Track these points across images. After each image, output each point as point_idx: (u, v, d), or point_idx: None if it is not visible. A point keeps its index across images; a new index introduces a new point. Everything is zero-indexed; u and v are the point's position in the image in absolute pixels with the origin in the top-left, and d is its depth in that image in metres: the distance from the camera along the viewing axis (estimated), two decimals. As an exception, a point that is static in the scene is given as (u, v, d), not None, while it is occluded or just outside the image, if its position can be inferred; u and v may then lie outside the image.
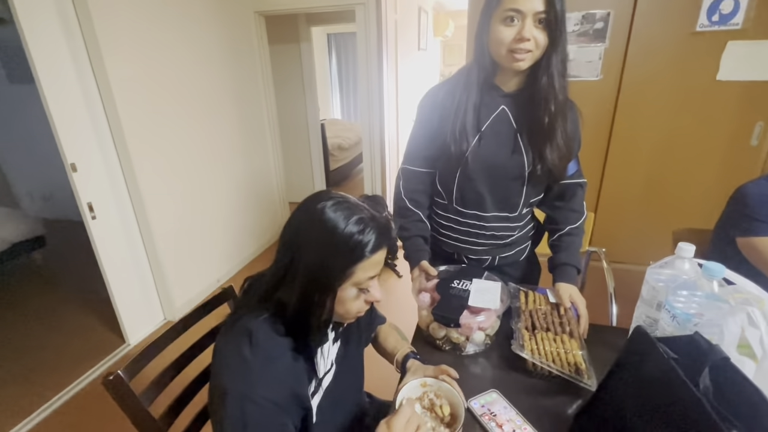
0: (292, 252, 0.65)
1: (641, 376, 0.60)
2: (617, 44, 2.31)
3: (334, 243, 0.61)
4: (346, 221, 0.62)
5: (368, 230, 0.63)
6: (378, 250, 0.65)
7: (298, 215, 0.67)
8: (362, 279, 0.65)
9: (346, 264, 0.62)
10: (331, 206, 0.63)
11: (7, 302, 2.65)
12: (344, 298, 0.66)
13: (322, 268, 0.62)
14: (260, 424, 0.58)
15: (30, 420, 1.69)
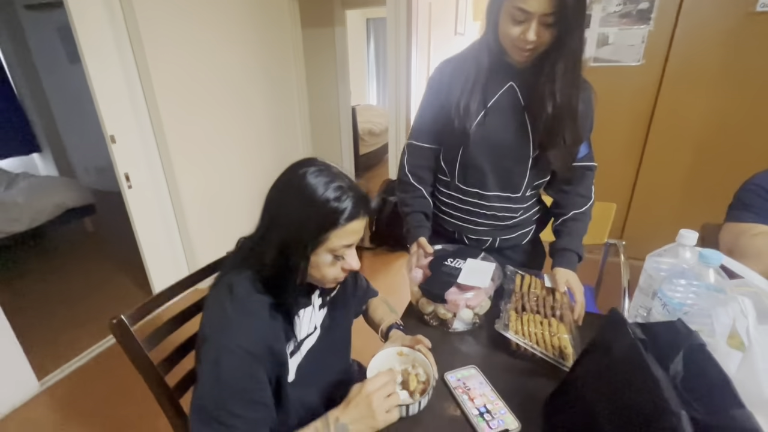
0: (271, 213, 0.68)
1: (609, 357, 0.58)
2: (663, 26, 2.15)
3: (311, 207, 0.63)
4: (325, 187, 0.64)
5: (345, 198, 0.64)
6: (354, 219, 0.66)
7: (282, 178, 0.69)
8: (337, 246, 0.67)
9: (321, 229, 0.64)
10: (312, 172, 0.66)
11: (59, 260, 2.95)
12: (319, 264, 0.68)
13: (297, 231, 0.64)
14: (233, 370, 0.62)
15: (70, 365, 1.88)
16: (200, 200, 2.36)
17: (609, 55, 2.29)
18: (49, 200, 2.87)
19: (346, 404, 0.65)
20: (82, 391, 1.76)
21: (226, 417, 0.61)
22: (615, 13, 2.21)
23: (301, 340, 0.78)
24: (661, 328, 0.61)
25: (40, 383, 1.75)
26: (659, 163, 2.38)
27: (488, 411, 0.72)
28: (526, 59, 0.88)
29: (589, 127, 1.01)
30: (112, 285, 2.58)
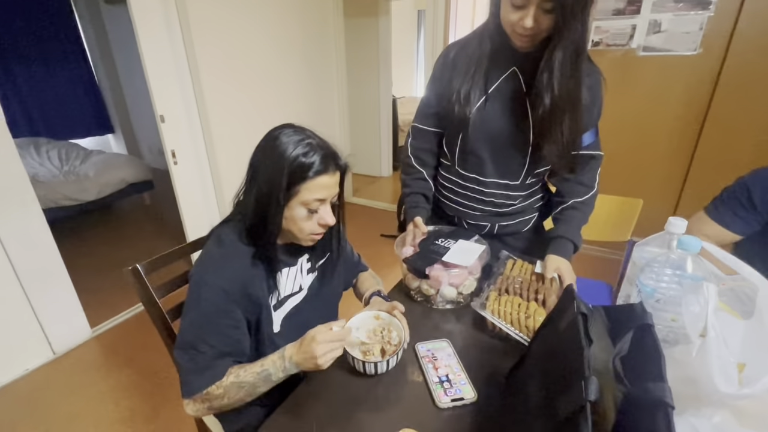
0: (251, 170, 0.75)
1: (556, 330, 0.58)
2: (726, 12, 1.96)
3: (282, 162, 0.69)
4: (295, 145, 0.70)
5: (313, 154, 0.70)
6: (323, 174, 0.71)
7: (262, 140, 0.76)
8: (309, 199, 0.72)
9: (292, 182, 0.70)
10: (285, 132, 0.72)
11: (118, 228, 3.33)
12: (294, 217, 0.74)
13: (269, 184, 0.71)
14: (209, 304, 0.71)
15: (118, 318, 2.14)
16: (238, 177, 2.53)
17: (661, 44, 2.13)
18: (115, 175, 3.21)
19: (299, 344, 0.70)
20: (126, 340, 1.99)
21: (199, 344, 0.70)
22: (670, -3, 2.04)
23: (285, 296, 0.84)
24: (624, 309, 0.61)
25: (92, 330, 2.00)
26: (713, 164, 2.18)
27: (449, 380, 0.74)
28: (526, 45, 0.86)
29: (596, 114, 0.97)
30: (160, 252, 2.84)
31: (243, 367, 0.72)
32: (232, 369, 0.72)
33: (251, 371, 0.71)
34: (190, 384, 0.70)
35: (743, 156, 2.09)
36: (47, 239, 1.75)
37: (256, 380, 0.70)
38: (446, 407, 0.69)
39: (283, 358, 0.70)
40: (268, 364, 0.70)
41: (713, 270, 0.70)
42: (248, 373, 0.71)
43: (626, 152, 2.34)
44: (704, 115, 2.14)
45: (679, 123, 2.21)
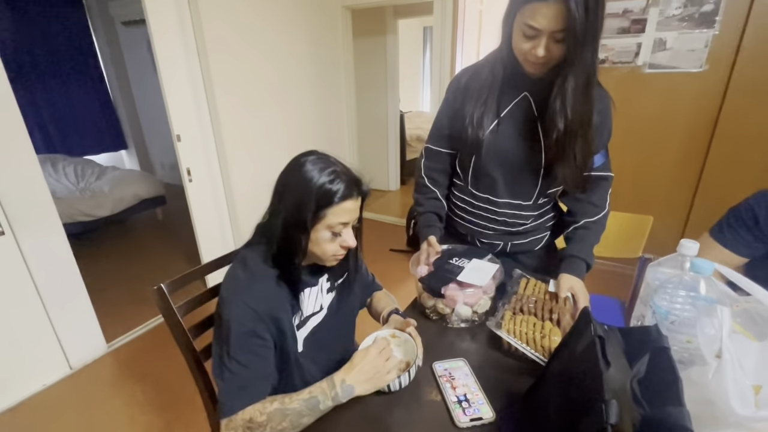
0: (278, 196, 0.78)
1: (573, 352, 0.60)
2: (730, 30, 2.00)
3: (309, 189, 0.73)
4: (321, 172, 0.74)
5: (338, 181, 0.74)
6: (348, 199, 0.75)
7: (287, 167, 0.80)
8: (334, 223, 0.75)
9: (319, 207, 0.74)
10: (311, 160, 0.76)
11: (132, 243, 3.38)
12: (319, 240, 0.77)
13: (298, 209, 0.74)
14: (240, 324, 0.74)
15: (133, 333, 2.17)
16: (250, 195, 2.59)
17: (666, 61, 2.16)
18: (129, 190, 3.29)
19: (350, 368, 0.74)
20: (141, 355, 2.01)
21: (232, 365, 0.72)
22: (674, 16, 2.08)
23: (307, 316, 0.87)
24: (639, 331, 0.62)
25: (108, 345, 2.03)
26: (721, 181, 2.19)
27: (467, 400, 0.76)
28: (538, 72, 0.89)
29: (606, 137, 1.00)
30: (174, 267, 2.90)
31: (288, 395, 0.73)
32: (276, 396, 0.73)
33: (297, 398, 0.72)
34: (226, 404, 0.71)
35: (753, 173, 2.10)
36: (67, 255, 1.79)
37: (302, 408, 0.71)
38: (465, 427, 0.71)
39: (333, 385, 0.72)
40: (316, 392, 0.72)
41: (726, 291, 0.71)
42: (294, 400, 0.71)
43: (635, 169, 2.36)
44: (712, 132, 2.16)
45: (687, 139, 2.22)
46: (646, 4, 2.11)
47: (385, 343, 0.77)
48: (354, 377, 0.73)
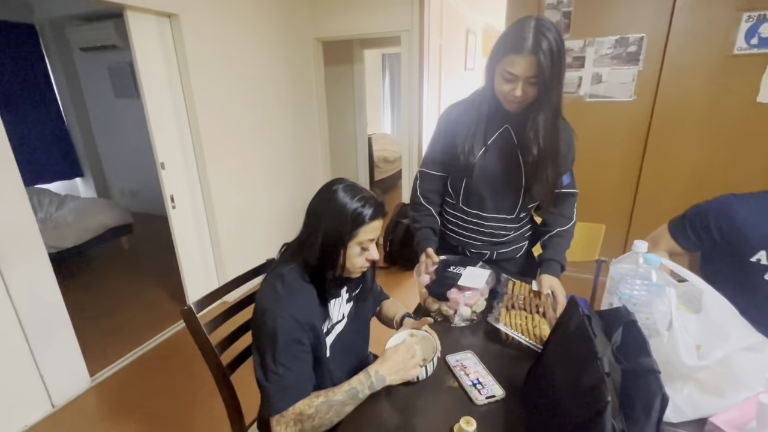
0: (314, 220, 0.90)
1: (566, 332, 0.77)
2: (651, 67, 2.38)
3: (345, 213, 0.86)
4: (353, 199, 0.87)
5: (367, 205, 0.88)
6: (375, 219, 0.89)
7: (319, 195, 0.92)
8: (364, 240, 0.89)
9: (353, 227, 0.87)
10: (342, 188, 0.89)
11: (99, 275, 3.24)
12: (351, 255, 0.90)
13: (335, 230, 0.87)
14: (284, 332, 0.83)
15: (115, 365, 2.10)
16: (232, 219, 2.63)
17: (603, 92, 2.53)
18: (95, 220, 3.17)
19: (382, 361, 0.87)
20: (127, 387, 1.97)
21: (279, 368, 0.82)
22: (607, 54, 2.46)
23: (333, 324, 0.98)
24: (611, 312, 0.81)
25: (91, 379, 1.96)
26: (655, 190, 2.56)
27: (480, 383, 0.90)
28: (516, 109, 1.10)
29: (570, 161, 1.21)
30: (147, 297, 2.83)
31: (331, 389, 0.84)
32: (320, 392, 0.84)
33: (339, 391, 0.83)
34: (276, 403, 0.81)
35: (679, 183, 2.48)
36: (53, 289, 1.75)
37: (344, 398, 0.82)
38: (482, 404, 0.85)
39: (369, 375, 0.85)
40: (355, 383, 0.84)
41: (669, 279, 0.93)
42: (336, 393, 0.83)
43: (585, 184, 2.64)
44: (643, 150, 2.53)
45: (624, 157, 2.59)
46: (584, 44, 2.48)
47: (411, 344, 0.91)
48: (385, 369, 0.86)
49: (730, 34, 2.16)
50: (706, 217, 1.12)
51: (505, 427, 0.80)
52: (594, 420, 0.57)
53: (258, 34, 2.69)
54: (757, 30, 2.11)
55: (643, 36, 2.35)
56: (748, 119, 2.23)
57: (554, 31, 0.97)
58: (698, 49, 2.25)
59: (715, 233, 1.11)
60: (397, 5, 2.91)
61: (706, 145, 2.37)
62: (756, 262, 1.06)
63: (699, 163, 2.40)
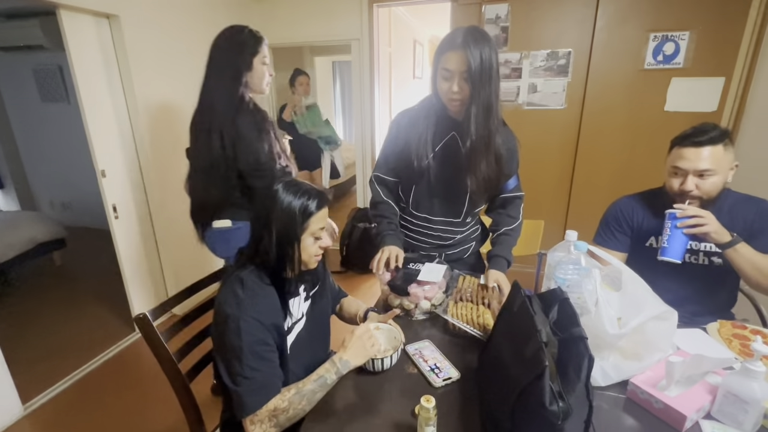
0: (264, 224, 0.91)
1: (511, 313, 0.86)
2: (578, 78, 2.64)
3: (292, 210, 0.90)
4: (296, 195, 0.91)
5: (311, 197, 0.92)
6: (322, 208, 0.94)
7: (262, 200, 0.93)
8: (315, 229, 0.94)
9: (303, 220, 0.91)
10: (282, 188, 0.92)
11: (30, 294, 2.96)
12: (305, 246, 0.94)
13: (288, 228, 0.90)
14: (250, 334, 0.84)
15: (51, 391, 1.94)
16: (180, 227, 2.52)
17: (539, 101, 2.76)
18: (22, 234, 2.89)
19: (344, 347, 0.90)
20: (67, 412, 1.82)
21: (248, 371, 0.82)
22: (540, 67, 2.69)
23: (293, 323, 1.01)
24: (548, 293, 0.91)
25: (24, 407, 1.79)
26: (585, 188, 2.83)
27: (437, 367, 0.97)
28: (457, 109, 1.17)
29: (515, 166, 1.31)
30: (85, 315, 2.62)
31: (301, 381, 0.88)
32: (290, 386, 0.87)
33: (308, 381, 0.87)
34: (248, 404, 0.81)
35: (604, 181, 2.76)
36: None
37: (314, 387, 0.86)
38: (440, 386, 0.92)
39: (333, 362, 0.88)
40: (322, 371, 0.88)
41: (596, 264, 1.06)
42: (306, 383, 0.87)
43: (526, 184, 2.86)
44: (575, 153, 2.80)
45: (559, 159, 2.84)
46: (520, 57, 2.70)
47: (366, 326, 0.95)
48: (348, 354, 0.89)
49: (641, 51, 2.47)
50: (616, 218, 1.39)
51: (462, 403, 0.88)
52: (535, 383, 0.65)
53: (203, 37, 2.62)
54: (662, 48, 2.43)
55: (570, 51, 2.61)
56: (659, 125, 2.55)
57: (484, 36, 1.08)
58: (616, 63, 2.54)
59: (626, 227, 1.37)
60: (347, 14, 2.98)
61: (626, 147, 2.67)
62: (649, 246, 1.28)
63: (621, 162, 2.70)
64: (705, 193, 1.17)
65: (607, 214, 1.44)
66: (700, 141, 1.15)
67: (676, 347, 0.99)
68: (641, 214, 1.36)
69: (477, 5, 2.70)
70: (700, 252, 1.27)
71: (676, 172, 1.22)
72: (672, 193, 1.23)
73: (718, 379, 0.86)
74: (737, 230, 1.16)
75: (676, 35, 2.39)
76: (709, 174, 1.16)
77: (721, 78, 2.38)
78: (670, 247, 1.14)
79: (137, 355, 2.26)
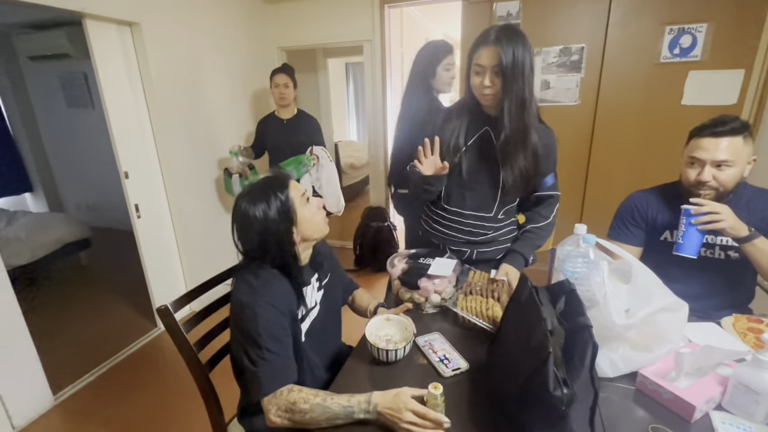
0: (256, 243, 0.94)
1: (518, 303, 0.88)
2: (592, 74, 2.61)
3: (270, 218, 0.92)
4: (263, 202, 0.93)
5: (276, 192, 0.94)
6: (287, 188, 0.96)
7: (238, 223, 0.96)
8: (299, 208, 0.96)
9: (287, 217, 0.94)
10: (246, 204, 0.93)
11: (59, 292, 3.09)
12: (306, 218, 0.98)
13: (278, 234, 0.93)
14: (265, 319, 0.88)
15: (80, 382, 2.04)
16: (199, 227, 2.61)
17: (552, 97, 2.74)
18: (51, 235, 3.03)
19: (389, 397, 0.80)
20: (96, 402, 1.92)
21: (265, 353, 0.86)
22: (553, 63, 2.67)
23: (308, 311, 1.04)
24: (556, 284, 0.92)
25: (54, 398, 1.89)
26: (600, 183, 2.79)
27: (447, 358, 1.00)
28: (490, 103, 1.19)
29: (552, 163, 1.31)
30: (111, 311, 2.73)
31: (330, 394, 0.84)
32: (320, 392, 0.85)
33: (338, 402, 0.82)
34: (266, 385, 0.85)
35: (619, 176, 2.72)
36: (12, 305, 1.69)
37: (339, 412, 0.81)
38: (449, 376, 0.94)
39: (369, 403, 0.81)
40: (354, 403, 0.81)
41: (605, 257, 1.06)
42: (335, 402, 0.82)
43: (538, 181, 2.90)
44: (589, 149, 2.76)
45: (574, 157, 2.81)
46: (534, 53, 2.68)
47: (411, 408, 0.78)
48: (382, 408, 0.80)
49: (656, 45, 2.42)
50: (630, 212, 1.37)
51: (471, 392, 0.90)
52: (540, 370, 0.67)
53: (221, 42, 2.71)
54: (678, 41, 2.38)
55: (583, 46, 2.58)
56: (676, 119, 2.50)
57: (518, 33, 1.10)
58: (631, 57, 2.50)
59: (640, 221, 1.35)
60: (359, 16, 3.03)
61: (642, 142, 2.62)
62: (663, 240, 1.26)
63: (637, 157, 2.65)
64: (721, 184, 1.16)
65: (622, 208, 1.43)
66: (720, 131, 1.14)
67: (688, 340, 0.99)
68: (656, 208, 1.35)
69: (488, 3, 2.70)
70: (717, 246, 1.25)
71: (693, 163, 1.20)
72: (688, 184, 1.22)
73: (729, 371, 0.85)
74: (755, 223, 1.14)
75: (692, 27, 2.34)
76: (726, 165, 1.14)
77: (741, 70, 2.32)
78: (686, 243, 1.13)
79: (159, 348, 2.34)
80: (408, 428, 0.76)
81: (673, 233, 1.30)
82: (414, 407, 0.77)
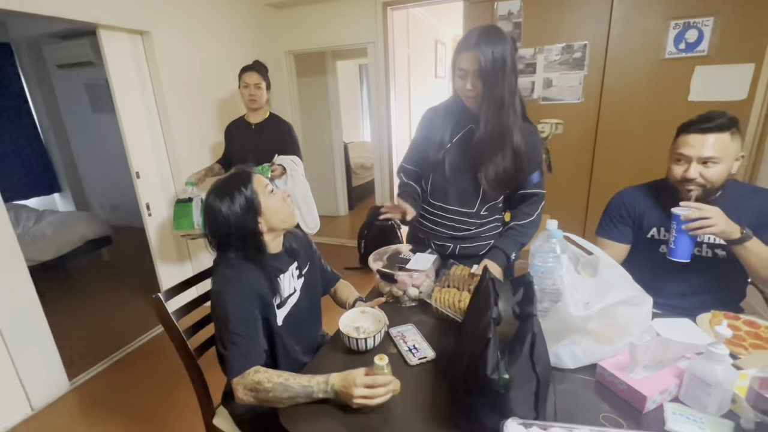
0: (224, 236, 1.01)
1: (478, 293, 0.91)
2: (595, 71, 2.59)
3: (237, 212, 0.98)
4: (228, 197, 0.99)
5: (239, 188, 1.00)
6: (250, 182, 1.01)
7: (208, 212, 1.01)
8: (263, 199, 1.01)
9: (254, 210, 1.00)
10: (212, 200, 0.99)
11: (80, 285, 3.30)
12: (273, 209, 1.03)
13: (244, 227, 1.00)
14: (234, 305, 0.95)
15: (94, 369, 2.18)
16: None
17: (554, 95, 2.72)
18: (74, 232, 3.22)
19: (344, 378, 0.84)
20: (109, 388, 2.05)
21: (234, 338, 0.93)
22: (555, 61, 2.66)
23: (286, 297, 1.10)
24: (519, 277, 0.95)
25: (70, 383, 2.02)
26: (605, 181, 2.75)
27: (415, 348, 1.03)
28: (473, 104, 1.23)
29: (536, 161, 1.32)
30: (126, 304, 2.89)
31: (294, 375, 0.88)
32: (283, 373, 0.89)
33: (299, 382, 0.86)
34: (234, 367, 0.92)
35: (625, 174, 2.67)
36: (31, 294, 1.83)
37: (300, 391, 0.85)
38: (415, 364, 0.98)
39: (327, 383, 0.85)
40: (314, 384, 0.85)
41: (576, 251, 1.08)
42: (296, 382, 0.86)
43: (541, 179, 2.88)
44: (593, 146, 2.73)
45: (578, 153, 2.78)
46: (534, 52, 2.68)
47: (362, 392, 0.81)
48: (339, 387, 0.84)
49: (661, 40, 2.38)
50: (618, 209, 1.36)
51: (434, 380, 0.93)
52: (481, 354, 0.70)
53: (229, 48, 2.82)
54: (684, 36, 2.33)
55: (586, 43, 2.56)
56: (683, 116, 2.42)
57: (498, 34, 1.13)
58: (635, 54, 2.46)
59: (627, 219, 1.33)
60: (362, 18, 3.09)
61: (648, 139, 2.57)
62: (651, 237, 1.25)
63: (643, 154, 2.60)
64: (708, 181, 1.15)
65: (610, 204, 1.41)
66: (707, 128, 1.13)
67: (655, 333, 0.99)
68: (643, 205, 1.34)
69: (489, 2, 2.72)
70: (704, 244, 1.24)
71: (680, 159, 1.19)
72: (674, 181, 1.21)
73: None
74: (746, 221, 1.12)
75: (698, 21, 2.29)
76: (713, 162, 1.13)
77: (751, 64, 2.26)
78: (678, 249, 1.11)
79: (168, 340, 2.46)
80: (360, 402, 0.80)
81: (660, 231, 1.29)
82: (363, 381, 0.81)
